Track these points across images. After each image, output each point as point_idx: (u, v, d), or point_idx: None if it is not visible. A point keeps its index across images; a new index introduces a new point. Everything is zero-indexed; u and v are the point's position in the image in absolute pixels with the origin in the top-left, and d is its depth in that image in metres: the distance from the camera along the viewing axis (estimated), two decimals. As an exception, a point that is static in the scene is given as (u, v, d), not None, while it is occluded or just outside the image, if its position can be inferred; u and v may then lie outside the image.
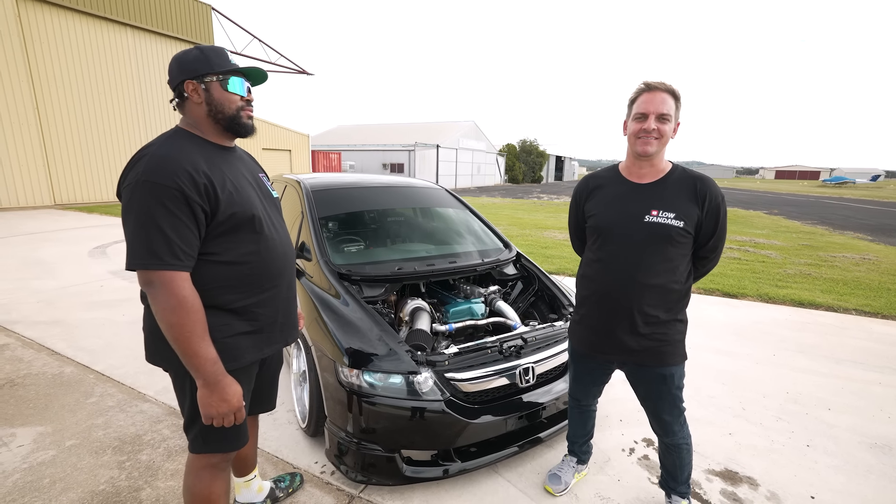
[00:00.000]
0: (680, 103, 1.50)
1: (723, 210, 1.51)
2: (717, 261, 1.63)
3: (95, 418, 2.42)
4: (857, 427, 2.51)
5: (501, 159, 44.18)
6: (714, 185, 1.51)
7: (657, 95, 1.46)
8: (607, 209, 1.61)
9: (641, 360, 1.60)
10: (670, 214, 1.48)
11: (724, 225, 1.54)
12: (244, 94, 1.29)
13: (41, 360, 3.10)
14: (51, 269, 5.60)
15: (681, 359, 1.61)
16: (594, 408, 1.97)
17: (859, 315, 4.54)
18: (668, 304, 1.55)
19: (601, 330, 1.65)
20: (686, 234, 1.49)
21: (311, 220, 2.61)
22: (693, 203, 1.49)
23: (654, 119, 1.46)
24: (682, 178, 1.53)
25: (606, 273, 1.60)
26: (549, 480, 1.97)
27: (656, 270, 1.51)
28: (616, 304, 1.58)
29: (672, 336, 1.57)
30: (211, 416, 1.21)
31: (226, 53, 1.28)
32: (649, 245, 1.51)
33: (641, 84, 1.50)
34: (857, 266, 6.87)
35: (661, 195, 1.52)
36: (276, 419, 2.43)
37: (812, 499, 1.95)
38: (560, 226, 10.97)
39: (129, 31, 14.43)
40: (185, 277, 1.16)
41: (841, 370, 3.24)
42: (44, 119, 12.51)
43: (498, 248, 2.96)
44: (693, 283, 1.63)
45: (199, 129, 1.28)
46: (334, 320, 2.01)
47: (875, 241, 9.69)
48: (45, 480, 1.93)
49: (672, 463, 1.75)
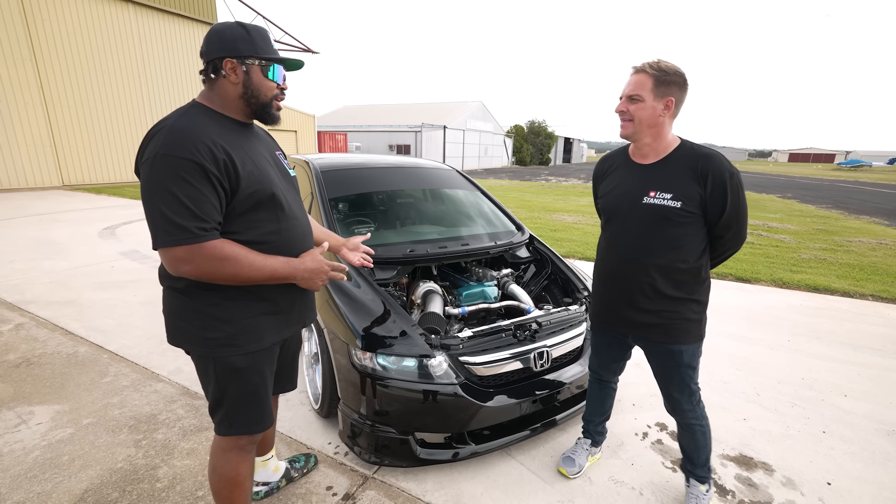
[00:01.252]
0: (668, 82, 1.43)
1: (731, 187, 1.43)
2: (737, 242, 1.56)
3: (111, 397, 2.45)
4: (874, 414, 2.48)
5: (509, 141, 43.54)
6: (719, 162, 1.43)
7: (632, 77, 1.47)
8: (613, 191, 1.64)
9: (650, 336, 1.61)
10: (667, 195, 1.47)
11: (738, 203, 1.45)
12: (281, 83, 1.27)
13: (56, 339, 3.14)
14: (61, 249, 5.63)
15: (693, 338, 1.59)
16: (614, 386, 1.96)
17: (876, 301, 4.46)
18: (675, 282, 1.53)
19: (609, 305, 1.69)
20: (687, 214, 1.46)
21: (322, 201, 2.57)
22: (694, 182, 1.44)
23: (624, 101, 1.48)
24: (685, 157, 1.48)
25: (611, 252, 1.66)
26: (563, 463, 1.97)
27: (658, 251, 1.51)
28: (621, 281, 1.61)
29: (684, 314, 1.55)
30: (320, 283, 1.31)
31: (269, 37, 1.25)
32: (648, 226, 1.52)
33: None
34: (874, 251, 6.72)
35: (660, 176, 1.51)
36: (288, 400, 2.44)
37: (828, 485, 1.93)
38: (569, 209, 10.84)
39: (132, 8, 14.16)
40: (219, 241, 1.14)
41: (857, 356, 3.19)
42: (49, 99, 12.44)
43: (510, 230, 2.91)
44: (711, 264, 1.60)
45: (224, 106, 1.24)
46: (346, 303, 1.99)
47: (892, 226, 9.47)
48: (64, 458, 1.96)
49: (687, 444, 1.74)
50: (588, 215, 9.79)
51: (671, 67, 1.43)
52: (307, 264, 1.27)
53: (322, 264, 1.30)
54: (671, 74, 1.42)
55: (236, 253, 1.15)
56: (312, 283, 1.29)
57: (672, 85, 1.44)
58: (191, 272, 1.12)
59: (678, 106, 1.47)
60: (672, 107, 1.45)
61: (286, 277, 1.24)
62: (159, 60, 15.10)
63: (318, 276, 1.29)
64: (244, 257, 1.16)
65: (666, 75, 1.42)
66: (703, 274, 1.56)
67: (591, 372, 1.96)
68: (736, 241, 1.56)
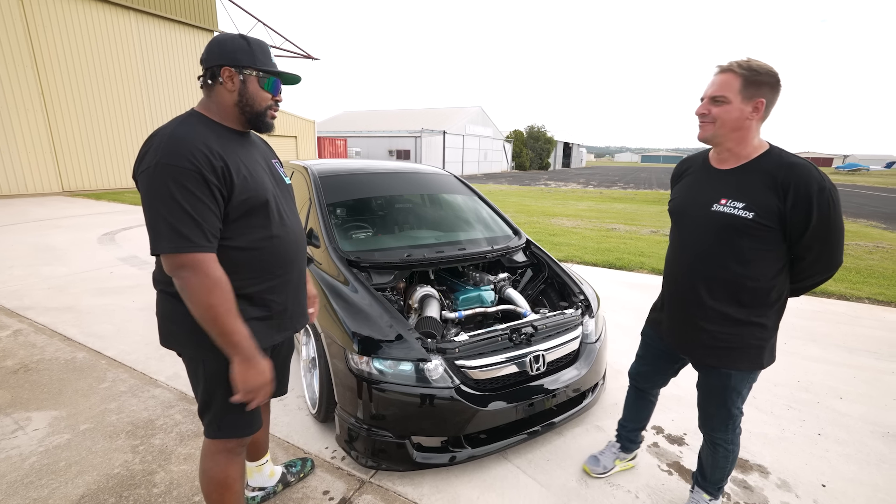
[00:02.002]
0: (759, 83, 1.31)
1: (820, 202, 1.27)
2: (823, 268, 1.37)
3: (108, 403, 2.45)
4: (869, 416, 2.49)
5: (508, 146, 43.71)
6: (806, 174, 1.28)
7: (717, 77, 1.36)
8: (684, 194, 1.56)
9: (705, 360, 1.50)
10: (739, 204, 1.35)
11: (827, 221, 1.28)
12: (275, 95, 1.31)
13: (54, 345, 3.14)
14: (61, 255, 5.65)
15: (750, 365, 1.45)
16: (652, 398, 1.89)
17: (872, 304, 4.47)
18: (742, 301, 1.40)
19: (667, 315, 1.62)
20: (760, 227, 1.32)
21: (320, 206, 2.59)
22: (772, 192, 1.31)
23: (707, 102, 1.38)
24: (769, 165, 1.34)
25: (675, 260, 1.58)
26: (588, 461, 2.01)
27: (723, 263, 1.40)
28: (683, 293, 1.52)
29: (745, 339, 1.42)
30: (248, 390, 1.21)
31: (269, 51, 1.29)
32: (715, 235, 1.41)
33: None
34: (871, 254, 6.75)
35: (737, 183, 1.38)
36: (286, 405, 2.45)
37: (823, 487, 1.94)
38: (568, 213, 10.87)
39: (133, 15, 14.28)
40: (215, 258, 1.15)
41: (853, 359, 3.20)
42: (49, 105, 12.50)
43: (507, 235, 2.93)
44: (793, 290, 1.45)
45: (221, 114, 1.28)
46: (343, 307, 2.00)
47: (889, 230, 9.51)
48: (61, 463, 1.97)
49: (707, 459, 1.66)
50: (587, 219, 9.83)
51: (763, 67, 1.31)
52: (258, 367, 1.20)
53: (267, 380, 1.23)
54: (763, 74, 1.30)
55: (225, 283, 1.15)
56: (246, 382, 1.20)
57: (763, 85, 1.31)
58: (182, 282, 1.13)
59: (769, 108, 1.34)
60: (762, 109, 1.32)
61: (239, 351, 1.17)
62: (160, 67, 15.20)
63: (255, 381, 1.20)
64: (228, 293, 1.15)
65: (757, 75, 1.30)
66: (774, 295, 1.40)
67: (630, 378, 1.90)
68: (821, 267, 1.37)
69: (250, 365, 1.19)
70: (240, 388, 1.21)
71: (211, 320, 1.14)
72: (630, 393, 1.94)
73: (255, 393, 1.22)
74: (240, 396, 1.21)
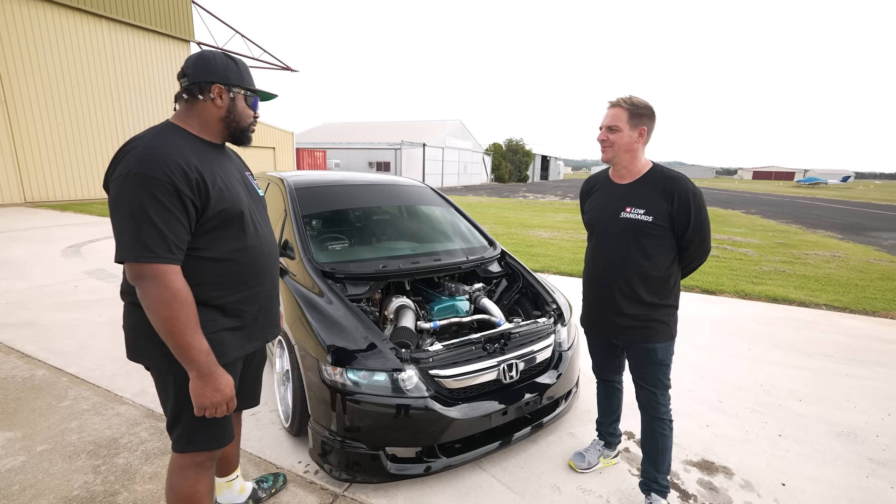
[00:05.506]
0: (640, 114, 1.67)
1: (694, 204, 1.65)
2: (702, 253, 1.76)
3: (69, 422, 2.34)
4: (826, 416, 2.62)
5: (488, 158, 44.34)
6: (683, 183, 1.67)
7: (609, 111, 1.70)
8: (595, 207, 1.87)
9: (629, 337, 1.79)
10: (641, 210, 1.69)
11: (701, 218, 1.67)
12: (255, 111, 1.38)
13: (10, 363, 2.99)
14: (21, 269, 5.39)
15: (665, 337, 1.76)
16: (618, 385, 2.09)
17: (829, 310, 4.72)
18: (649, 288, 1.73)
19: (595, 310, 1.88)
20: (658, 227, 1.67)
21: (295, 218, 2.58)
22: (663, 199, 1.67)
23: (605, 130, 1.70)
24: (656, 178, 1.72)
25: (593, 261, 1.87)
26: (574, 457, 2.12)
27: (633, 259, 1.72)
28: (603, 288, 1.82)
29: (657, 317, 1.74)
30: (204, 407, 1.20)
31: (250, 71, 1.38)
32: (625, 238, 1.73)
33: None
34: (828, 263, 7.13)
35: (635, 194, 1.73)
36: (259, 419, 2.40)
37: (783, 486, 2.03)
38: (545, 224, 11.08)
39: (105, 23, 13.98)
40: (178, 270, 1.15)
41: (812, 363, 3.36)
42: (13, 113, 12.03)
43: (483, 246, 2.98)
44: (682, 274, 1.81)
45: (201, 128, 1.30)
46: (318, 319, 1.99)
47: (844, 240, 10.07)
48: (14, 487, 1.87)
49: (653, 446, 1.82)
50: (563, 231, 10.04)
51: (642, 102, 1.68)
52: (216, 384, 1.19)
53: (225, 397, 1.22)
54: (642, 108, 1.67)
55: (184, 296, 1.13)
56: (202, 398, 1.19)
57: (644, 116, 1.68)
58: (142, 292, 1.12)
59: (649, 133, 1.71)
60: (645, 134, 1.69)
61: (195, 366, 1.16)
62: (133, 77, 14.88)
63: (213, 398, 1.19)
64: (188, 307, 1.13)
65: (639, 108, 1.67)
66: (673, 281, 1.76)
67: (594, 374, 2.11)
68: (700, 253, 1.76)
69: (207, 381, 1.18)
70: (195, 404, 1.20)
71: (168, 332, 1.13)
72: (598, 387, 2.13)
73: (213, 409, 1.21)
74: (196, 412, 1.21)
